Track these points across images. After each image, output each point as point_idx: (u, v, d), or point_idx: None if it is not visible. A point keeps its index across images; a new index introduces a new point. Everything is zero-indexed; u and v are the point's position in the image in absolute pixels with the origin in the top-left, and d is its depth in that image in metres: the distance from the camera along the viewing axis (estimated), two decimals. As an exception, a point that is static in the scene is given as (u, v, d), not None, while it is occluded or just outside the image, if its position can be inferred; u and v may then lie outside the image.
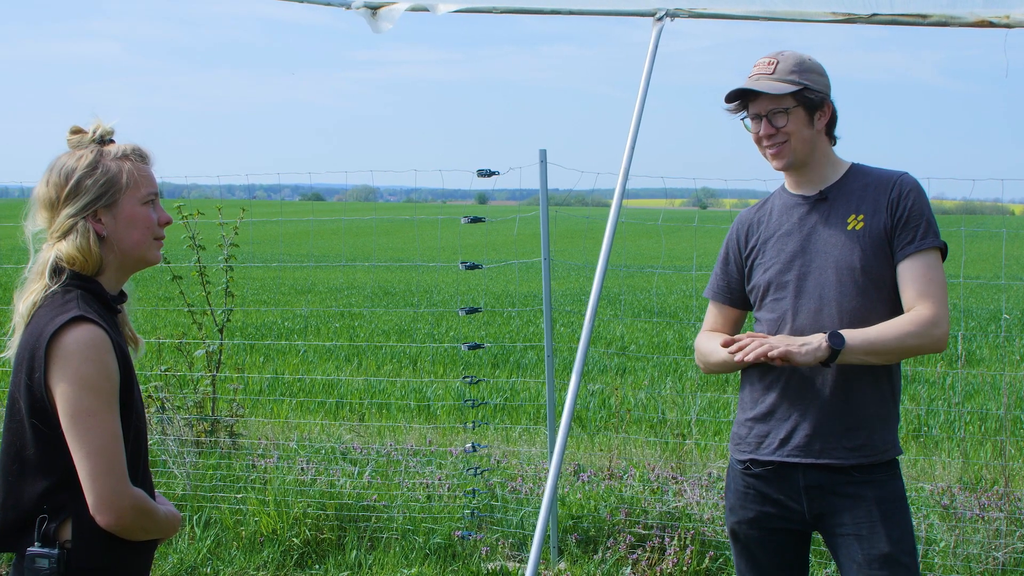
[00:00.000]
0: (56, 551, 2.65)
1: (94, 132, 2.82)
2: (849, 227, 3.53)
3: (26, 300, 2.76)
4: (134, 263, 2.87)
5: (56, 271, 2.76)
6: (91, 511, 2.64)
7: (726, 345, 3.53)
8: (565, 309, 18.34)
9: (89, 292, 2.76)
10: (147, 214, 2.84)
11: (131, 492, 2.68)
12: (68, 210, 2.75)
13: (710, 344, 3.76)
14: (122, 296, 2.89)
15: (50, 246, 2.78)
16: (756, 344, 3.43)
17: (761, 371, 3.59)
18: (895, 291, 3.51)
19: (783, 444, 3.55)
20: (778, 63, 3.57)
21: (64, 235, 2.76)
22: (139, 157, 2.84)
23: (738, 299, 3.81)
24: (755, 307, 3.73)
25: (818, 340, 3.38)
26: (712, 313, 3.88)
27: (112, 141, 2.84)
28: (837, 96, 3.68)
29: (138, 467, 2.80)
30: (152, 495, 2.88)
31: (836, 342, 3.36)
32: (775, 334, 3.56)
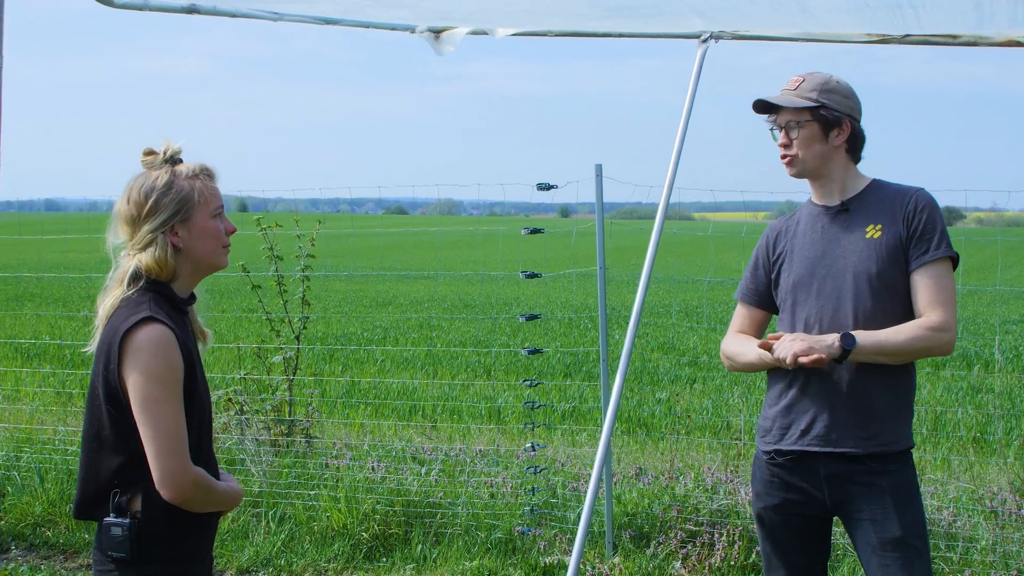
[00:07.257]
0: (127, 520, 3.00)
1: (164, 153, 3.17)
2: (868, 235, 3.80)
3: (106, 304, 3.12)
4: (206, 269, 3.23)
5: (135, 278, 3.11)
6: (156, 486, 2.98)
7: (764, 347, 3.80)
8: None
9: (161, 295, 3.11)
10: (216, 226, 3.19)
11: (191, 470, 3.01)
12: (148, 226, 3.10)
13: (739, 346, 4.05)
14: (191, 298, 3.24)
15: (130, 256, 3.13)
16: (797, 346, 3.66)
17: (784, 369, 3.83)
18: (908, 296, 3.77)
19: (804, 434, 3.82)
20: (803, 81, 3.89)
21: (144, 247, 3.11)
22: (207, 175, 3.19)
23: (765, 302, 4.09)
24: (780, 309, 4.00)
25: (831, 339, 3.66)
26: (740, 315, 4.15)
27: (180, 160, 3.19)
28: (896, 103, 3.92)
29: (201, 448, 3.14)
30: (216, 474, 3.21)
31: (847, 342, 3.64)
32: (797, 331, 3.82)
